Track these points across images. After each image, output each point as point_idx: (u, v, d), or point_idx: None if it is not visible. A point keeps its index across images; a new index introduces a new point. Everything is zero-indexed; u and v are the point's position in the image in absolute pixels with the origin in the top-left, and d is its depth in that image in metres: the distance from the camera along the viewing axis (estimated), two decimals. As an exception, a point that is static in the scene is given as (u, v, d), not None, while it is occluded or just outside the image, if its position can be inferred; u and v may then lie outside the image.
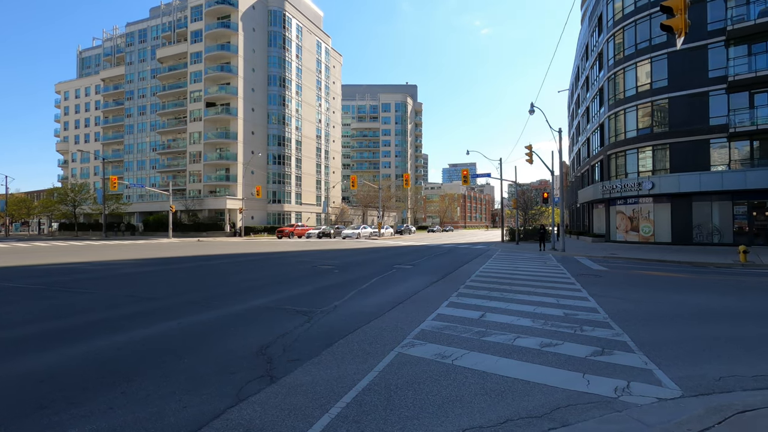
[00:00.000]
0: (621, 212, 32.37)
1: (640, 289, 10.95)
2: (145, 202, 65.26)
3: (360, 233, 47.15)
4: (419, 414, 3.64)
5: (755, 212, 26.75)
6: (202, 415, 3.58)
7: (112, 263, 17.51)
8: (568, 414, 3.62)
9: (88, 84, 78.88)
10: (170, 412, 3.63)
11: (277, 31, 63.90)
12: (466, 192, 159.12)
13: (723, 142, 27.28)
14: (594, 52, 38.60)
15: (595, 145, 38.43)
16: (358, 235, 46.68)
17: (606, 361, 5.05)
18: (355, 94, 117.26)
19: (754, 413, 3.44)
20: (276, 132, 63.68)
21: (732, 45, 26.73)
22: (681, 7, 7.78)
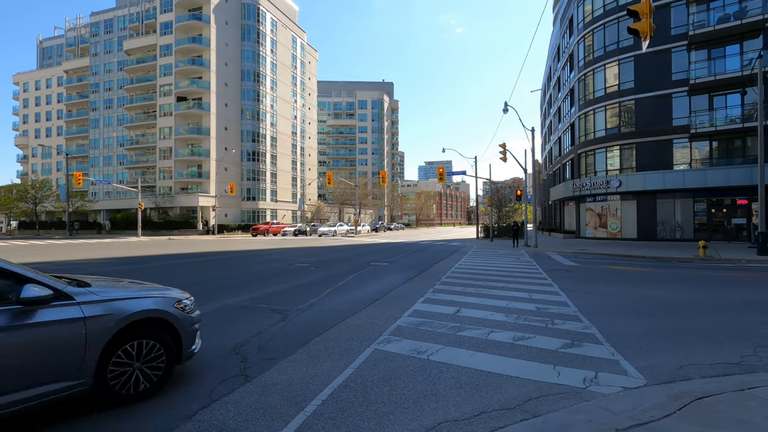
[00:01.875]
0: (590, 209, 33.42)
1: (608, 284, 11.36)
2: (112, 199, 62.89)
3: (336, 231, 46.88)
4: (395, 409, 3.66)
5: (714, 209, 28.15)
6: (174, 417, 3.49)
7: (75, 263, 16.81)
8: (540, 405, 3.73)
9: (50, 75, 75.24)
10: (141, 413, 3.53)
11: (250, 24, 62.61)
12: (442, 189, 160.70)
13: (685, 142, 28.55)
14: (565, 54, 39.62)
15: (566, 144, 39.51)
16: (334, 232, 46.40)
17: (575, 353, 5.22)
18: (331, 91, 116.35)
19: (710, 399, 3.63)
20: (250, 128, 62.49)
21: (693, 49, 27.97)
22: (646, 11, 8.08)
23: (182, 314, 4.18)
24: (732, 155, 27.50)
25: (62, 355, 3.28)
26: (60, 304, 3.36)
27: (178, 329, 4.08)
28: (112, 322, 3.56)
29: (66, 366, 3.30)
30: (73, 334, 3.35)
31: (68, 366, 3.31)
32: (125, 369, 3.65)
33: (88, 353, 3.41)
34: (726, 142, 27.73)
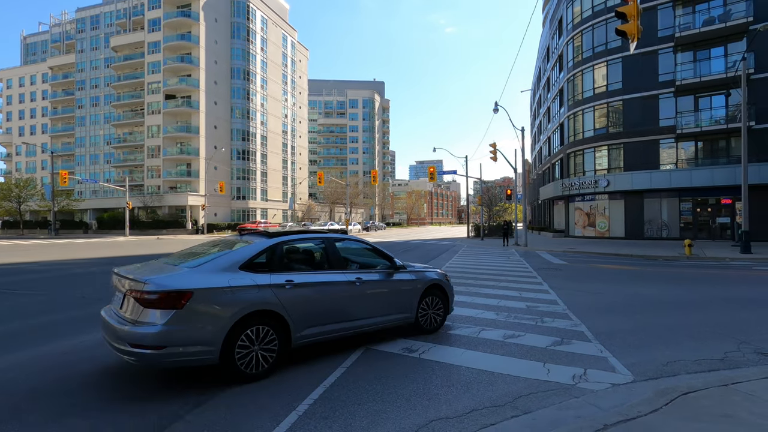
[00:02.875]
0: (579, 209, 33.81)
1: (596, 282, 11.51)
2: (99, 198, 61.89)
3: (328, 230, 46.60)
4: (387, 408, 3.67)
5: (699, 209, 28.67)
6: (163, 419, 3.45)
7: (62, 263, 16.52)
8: (530, 402, 3.77)
9: (34, 72, 73.76)
10: (127, 417, 3.49)
11: (240, 22, 62.07)
12: (433, 189, 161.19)
13: (671, 142, 29.02)
14: (555, 54, 39.99)
15: (556, 144, 39.90)
16: None
17: (565, 351, 5.29)
18: (322, 90, 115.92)
19: (696, 394, 3.71)
20: (240, 126, 61.98)
21: (679, 51, 28.44)
22: (634, 13, 8.20)
23: (448, 284, 6.54)
24: (716, 155, 28.03)
25: (404, 299, 5.84)
26: (404, 271, 5.98)
27: (447, 292, 6.43)
28: (422, 283, 6.08)
29: (404, 305, 5.84)
30: (410, 288, 5.93)
31: (405, 305, 5.85)
32: (428, 311, 6.14)
33: (413, 299, 5.93)
34: (711, 142, 28.26)
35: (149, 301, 3.86)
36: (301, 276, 4.84)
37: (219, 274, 4.28)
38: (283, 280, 4.61)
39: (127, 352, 3.83)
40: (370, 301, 5.39)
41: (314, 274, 5.02)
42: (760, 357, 5.03)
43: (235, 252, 4.67)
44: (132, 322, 3.93)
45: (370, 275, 5.50)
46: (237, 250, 4.69)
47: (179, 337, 3.87)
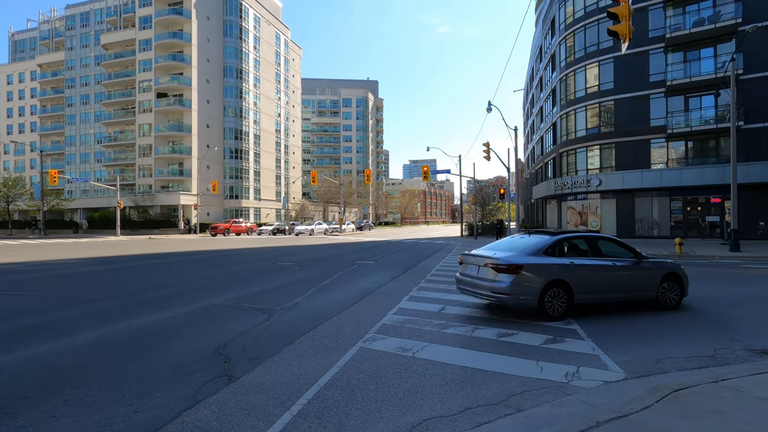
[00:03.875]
0: (572, 207, 34.05)
1: (588, 280, 11.57)
2: (89, 197, 61.18)
3: (314, 229, 45.45)
4: (381, 407, 3.67)
5: (689, 207, 29.02)
6: (156, 420, 3.42)
7: (52, 263, 16.32)
8: (523, 400, 3.79)
9: (22, 69, 72.68)
10: (120, 418, 3.45)
11: (233, 20, 61.64)
12: (427, 188, 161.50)
13: (662, 142, 29.33)
14: (547, 54, 40.21)
15: (548, 144, 40.15)
16: (311, 231, 44.93)
17: (558, 349, 5.32)
18: (315, 89, 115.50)
19: (687, 391, 3.75)
20: (233, 125, 61.59)
21: (670, 51, 28.74)
22: (625, 14, 8.26)
23: (683, 272, 7.92)
24: (706, 155, 28.38)
25: (646, 281, 7.61)
26: (647, 261, 7.68)
27: (682, 280, 7.81)
28: (661, 271, 7.69)
29: (646, 286, 7.61)
30: (651, 273, 7.63)
31: (647, 286, 7.61)
32: (666, 293, 7.70)
33: (654, 282, 7.61)
34: (701, 142, 28.61)
35: (501, 269, 6.79)
36: (577, 259, 7.22)
37: (534, 257, 6.99)
38: (567, 261, 7.09)
39: (490, 297, 7.00)
40: (621, 280, 7.45)
41: (584, 258, 7.33)
42: (749, 354, 5.09)
43: (537, 244, 7.25)
44: (491, 280, 6.89)
45: (621, 262, 7.51)
46: (538, 244, 7.27)
47: (517, 290, 6.66)
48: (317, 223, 49.13)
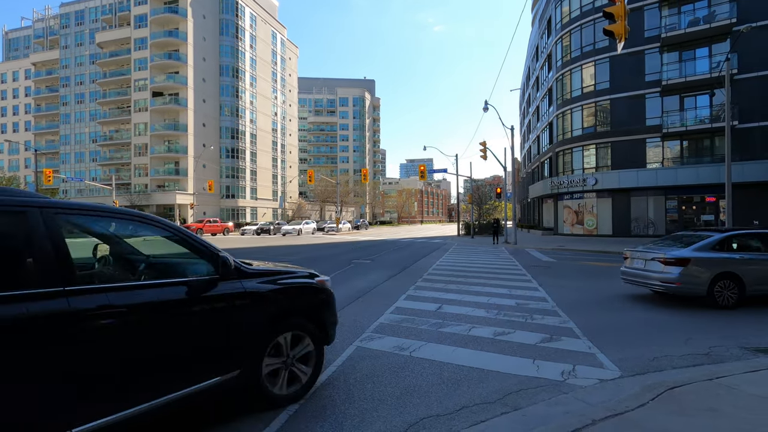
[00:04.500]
0: (568, 207, 34.17)
1: (585, 279, 11.65)
2: (84, 197, 60.85)
3: (302, 229, 42.62)
4: (378, 406, 3.67)
5: (684, 206, 29.18)
6: (152, 420, 3.40)
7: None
8: (520, 398, 3.80)
9: (16, 68, 72.18)
10: (116, 418, 3.42)
11: (229, 19, 61.44)
12: (423, 187, 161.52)
13: (657, 141, 29.47)
14: (544, 54, 40.31)
15: (545, 143, 40.26)
16: (299, 231, 42.18)
17: (554, 347, 5.34)
18: (312, 88, 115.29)
19: (681, 389, 3.77)
20: (229, 124, 61.41)
21: (665, 51, 28.87)
22: (621, 13, 8.29)
23: None
24: (701, 154, 28.55)
25: None
26: None
27: None
28: None
29: None
30: None
31: None
32: None
33: None
34: (696, 141, 28.77)
35: (670, 262, 7.65)
36: (747, 254, 7.74)
37: (701, 252, 7.65)
38: (738, 256, 7.67)
39: (659, 286, 7.86)
40: None
41: (755, 253, 7.81)
42: (743, 351, 5.13)
43: (706, 240, 7.83)
44: (659, 272, 7.77)
45: None
46: (707, 240, 7.85)
47: (685, 280, 7.49)
48: (305, 222, 46.36)
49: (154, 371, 2.72)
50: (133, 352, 2.63)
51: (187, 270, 3.22)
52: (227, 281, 3.21)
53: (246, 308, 3.32)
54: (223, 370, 3.10)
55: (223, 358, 3.13)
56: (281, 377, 3.58)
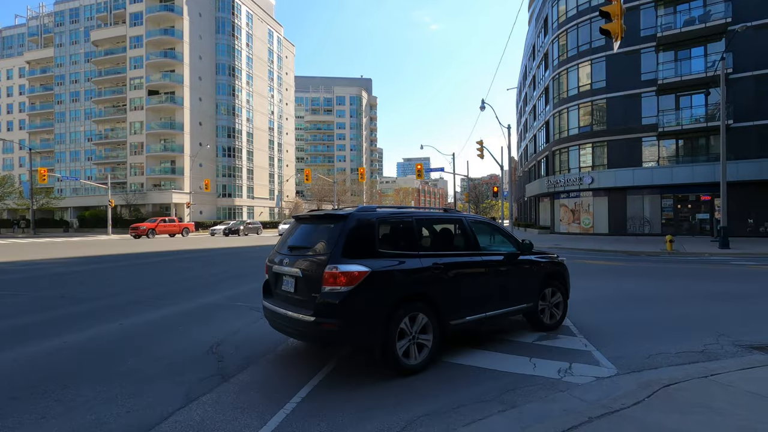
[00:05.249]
0: (564, 205, 34.29)
1: (581, 277, 11.68)
2: (80, 196, 60.54)
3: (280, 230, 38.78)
4: (374, 404, 3.67)
5: (679, 205, 29.34)
6: (148, 419, 3.40)
7: (41, 262, 16.12)
8: (516, 396, 3.81)
9: (10, 66, 71.66)
10: (112, 418, 3.42)
11: (225, 17, 61.18)
12: (421, 186, 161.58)
13: (653, 140, 29.60)
14: (540, 53, 40.37)
15: (541, 142, 40.36)
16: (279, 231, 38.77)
17: (551, 345, 5.36)
18: (309, 86, 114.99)
19: (677, 386, 3.79)
20: (225, 123, 61.19)
21: (661, 50, 28.99)
22: (617, 12, 8.31)
23: None
24: (696, 153, 28.70)
25: None
26: None
27: None
28: None
29: None
30: None
31: None
32: None
33: None
34: (691, 140, 28.92)
35: None
36: None
37: None
38: None
39: None
40: None
41: None
42: (738, 349, 5.17)
43: None
44: None
45: None
46: None
47: None
48: (283, 223, 44.11)
49: (501, 295, 5.39)
50: (493, 285, 5.33)
51: (505, 248, 5.84)
52: (523, 254, 5.81)
53: (531, 270, 5.92)
54: (523, 302, 5.68)
55: (523, 295, 5.68)
56: (546, 314, 6.02)
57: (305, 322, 4.10)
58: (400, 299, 4.27)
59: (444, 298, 4.62)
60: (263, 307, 4.91)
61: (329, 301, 4.01)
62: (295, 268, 4.47)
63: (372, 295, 4.13)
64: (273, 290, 4.92)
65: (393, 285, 4.32)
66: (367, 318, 4.11)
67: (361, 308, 4.08)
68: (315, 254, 4.38)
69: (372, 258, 4.26)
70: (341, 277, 4.02)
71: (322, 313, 4.01)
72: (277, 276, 4.80)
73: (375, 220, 4.51)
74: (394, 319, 4.17)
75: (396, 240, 4.65)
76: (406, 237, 4.71)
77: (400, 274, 4.37)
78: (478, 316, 5.04)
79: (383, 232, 4.60)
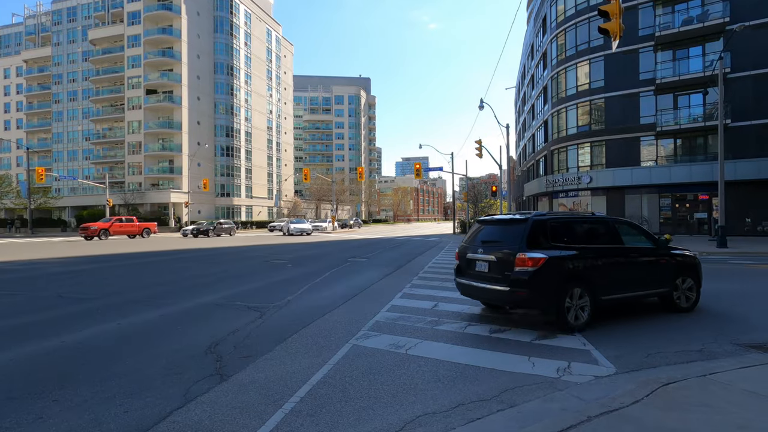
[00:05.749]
0: (563, 204, 34.33)
1: (579, 277, 11.67)
2: (78, 195, 60.36)
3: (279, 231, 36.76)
4: (374, 404, 3.67)
5: (677, 204, 29.40)
6: (146, 419, 3.39)
7: (39, 262, 16.07)
8: (515, 395, 3.81)
9: (8, 65, 71.43)
10: (110, 418, 3.41)
11: (223, 16, 61.04)
12: (419, 185, 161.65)
13: (651, 140, 29.65)
14: (539, 52, 40.39)
15: (540, 141, 40.39)
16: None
17: (549, 344, 5.36)
18: (307, 86, 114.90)
19: (675, 385, 3.80)
20: (224, 122, 61.08)
21: (659, 50, 29.03)
22: (616, 12, 8.32)
23: None
24: (694, 152, 28.76)
25: None
26: None
27: None
28: None
29: None
30: None
31: None
32: None
33: None
34: (689, 139, 28.98)
35: None
36: None
37: None
38: None
39: None
40: None
41: None
42: (736, 348, 5.18)
43: None
44: None
45: None
46: None
47: None
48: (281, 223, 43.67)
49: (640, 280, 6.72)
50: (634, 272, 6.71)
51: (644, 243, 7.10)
52: (659, 249, 7.04)
53: (666, 261, 7.00)
54: (659, 287, 6.89)
55: (658, 282, 6.87)
56: (681, 299, 7.06)
57: (502, 291, 5.93)
58: (566, 278, 5.87)
59: (596, 279, 6.08)
60: (457, 282, 6.98)
61: (520, 278, 5.73)
62: (491, 255, 6.24)
63: (548, 274, 5.76)
64: (465, 271, 6.77)
65: (561, 267, 5.91)
66: (545, 290, 5.76)
67: (542, 283, 5.71)
68: (506, 246, 6.11)
69: (547, 249, 5.90)
70: (528, 261, 5.72)
71: (515, 285, 5.76)
72: (470, 261, 6.65)
73: (547, 221, 6.21)
74: (562, 291, 5.80)
75: (562, 236, 6.19)
76: (568, 233, 6.30)
77: (566, 259, 5.94)
78: (622, 296, 6.48)
79: (553, 230, 6.16)
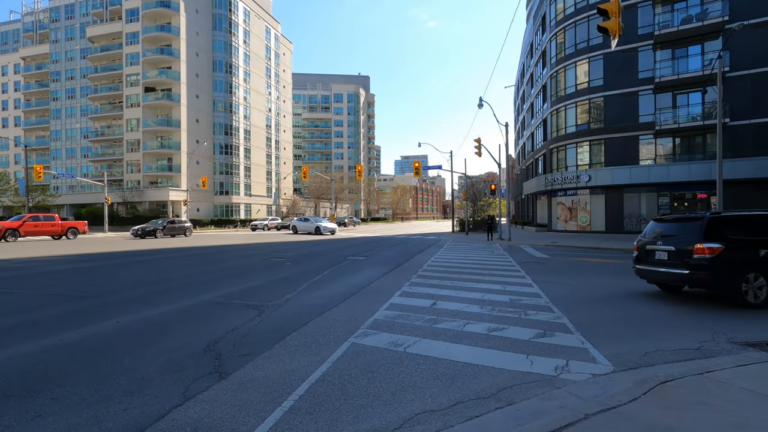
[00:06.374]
0: (561, 203, 34.36)
1: (578, 275, 11.73)
2: (76, 193, 60.20)
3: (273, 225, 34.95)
4: (373, 402, 3.68)
5: (676, 203, 29.44)
6: (145, 417, 3.40)
7: (36, 260, 16.04)
8: (514, 393, 3.82)
9: (5, 62, 71.08)
10: (108, 416, 3.41)
11: (222, 13, 60.83)
12: (418, 184, 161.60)
13: (650, 138, 29.67)
14: (538, 51, 40.36)
15: (539, 140, 40.39)
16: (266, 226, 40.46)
17: (547, 343, 5.38)
18: (306, 84, 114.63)
19: (673, 383, 3.81)
20: (223, 120, 60.93)
21: (659, 49, 29.02)
22: (615, 10, 8.31)
23: None
24: (693, 151, 28.79)
25: None
26: None
27: None
28: None
29: None
30: None
31: None
32: None
33: None
34: (688, 138, 28.99)
35: None
36: None
37: None
38: None
39: None
40: None
41: None
42: (733, 346, 5.20)
43: None
44: None
45: None
46: None
47: None
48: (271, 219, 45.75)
49: None
50: None
51: None
52: None
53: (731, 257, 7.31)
54: None
55: None
56: (749, 294, 7.21)
57: (682, 274, 7.40)
58: (740, 263, 7.11)
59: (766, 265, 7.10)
60: (636, 269, 8.56)
61: (699, 263, 7.15)
62: (671, 246, 7.70)
63: (724, 260, 7.06)
64: (644, 259, 8.31)
65: (735, 254, 7.15)
66: (722, 273, 7.08)
67: (718, 267, 7.03)
68: (684, 238, 7.55)
69: (721, 240, 7.18)
70: (706, 250, 7.10)
71: (694, 269, 7.18)
72: (649, 251, 8.16)
73: (720, 217, 7.53)
74: (738, 276, 7.08)
75: (733, 229, 7.38)
76: (739, 227, 7.48)
77: (739, 249, 7.18)
78: None
79: (725, 225, 7.43)
